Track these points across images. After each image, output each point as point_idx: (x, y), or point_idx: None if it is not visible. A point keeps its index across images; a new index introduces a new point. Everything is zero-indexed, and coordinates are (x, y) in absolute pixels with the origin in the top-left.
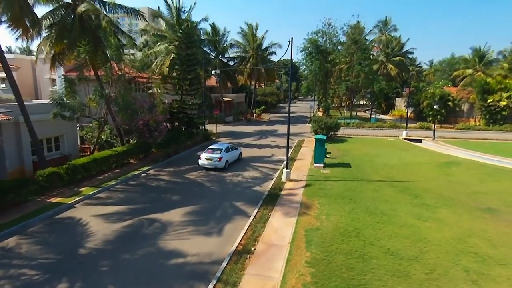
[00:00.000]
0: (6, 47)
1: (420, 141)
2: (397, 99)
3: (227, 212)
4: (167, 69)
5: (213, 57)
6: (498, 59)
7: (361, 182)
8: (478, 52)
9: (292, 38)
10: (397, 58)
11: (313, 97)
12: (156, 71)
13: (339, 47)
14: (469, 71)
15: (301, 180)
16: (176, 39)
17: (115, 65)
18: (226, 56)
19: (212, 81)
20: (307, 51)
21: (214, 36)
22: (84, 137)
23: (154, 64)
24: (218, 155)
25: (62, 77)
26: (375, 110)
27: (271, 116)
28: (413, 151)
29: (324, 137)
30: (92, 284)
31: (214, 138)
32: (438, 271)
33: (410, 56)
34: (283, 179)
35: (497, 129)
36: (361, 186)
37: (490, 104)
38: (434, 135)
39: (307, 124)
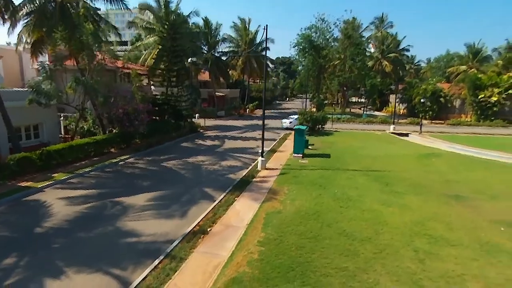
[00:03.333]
0: None
1: (407, 135)
2: (391, 95)
3: (194, 197)
4: (152, 60)
5: (206, 51)
6: (491, 56)
7: (336, 171)
8: (472, 48)
9: (266, 25)
10: (392, 54)
11: (305, 93)
12: (146, 63)
13: (333, 43)
14: (463, 67)
15: (276, 169)
16: (161, 30)
17: (98, 54)
18: (219, 50)
19: (206, 76)
20: (300, 47)
21: (206, 30)
22: (68, 127)
23: (143, 56)
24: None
25: (39, 64)
26: (370, 106)
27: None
28: (398, 144)
29: (304, 128)
30: (41, 259)
31: (201, 130)
32: (388, 251)
33: (407, 53)
34: (258, 167)
35: (487, 124)
36: (336, 174)
37: (481, 100)
38: (421, 129)
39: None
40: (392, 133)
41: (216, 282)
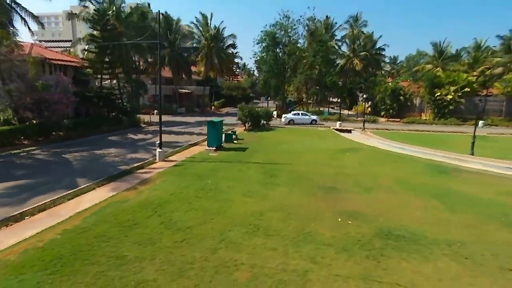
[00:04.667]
0: None
1: (349, 131)
2: (360, 94)
3: (57, 186)
4: (85, 52)
5: (167, 46)
6: (459, 55)
7: (237, 164)
8: (437, 47)
9: (159, 11)
10: (363, 53)
11: (268, 92)
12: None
13: (299, 40)
14: (429, 66)
15: (175, 161)
16: (93, 20)
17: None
18: (181, 46)
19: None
20: (264, 44)
21: (166, 25)
22: None
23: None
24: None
25: None
26: (343, 106)
27: (230, 109)
28: (331, 139)
29: (218, 121)
30: None
31: (143, 125)
32: (193, 240)
33: (383, 52)
34: (156, 159)
35: (442, 122)
36: (230, 167)
37: (437, 98)
38: (364, 126)
39: None
40: (336, 129)
41: None
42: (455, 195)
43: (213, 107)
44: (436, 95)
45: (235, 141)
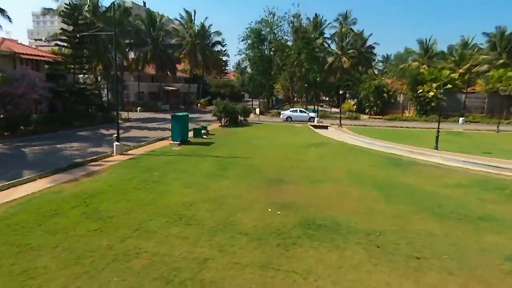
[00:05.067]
0: None
1: (326, 127)
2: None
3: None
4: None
5: (150, 43)
6: (450, 53)
7: (195, 157)
8: (423, 45)
9: (113, 2)
10: (351, 51)
11: (252, 89)
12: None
13: (284, 37)
14: (415, 64)
15: (134, 154)
16: (61, 14)
17: None
18: (166, 43)
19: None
20: (249, 41)
21: (150, 22)
22: None
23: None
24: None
25: None
26: (332, 103)
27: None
28: (304, 135)
29: (183, 114)
30: None
31: (121, 122)
32: (108, 230)
33: (373, 50)
34: (114, 152)
35: (423, 119)
36: (187, 160)
37: (420, 94)
38: (340, 122)
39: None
40: (313, 125)
41: None
42: (399, 187)
43: (199, 104)
44: (418, 92)
45: (204, 136)
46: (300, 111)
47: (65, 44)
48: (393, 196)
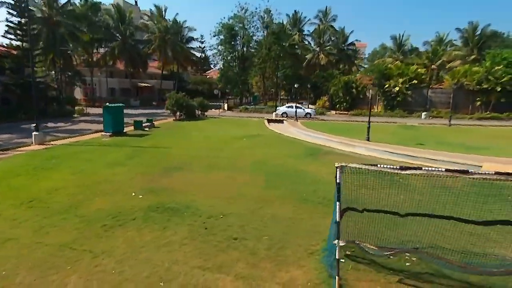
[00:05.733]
0: None
1: (282, 122)
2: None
3: None
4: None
5: (119, 39)
6: (418, 49)
7: (115, 147)
8: (396, 40)
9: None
10: (328, 47)
11: (224, 88)
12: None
13: (256, 33)
14: (389, 60)
15: (54, 144)
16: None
17: None
18: (136, 39)
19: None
20: (221, 36)
21: (118, 17)
22: None
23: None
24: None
25: None
26: (311, 100)
27: None
28: (249, 128)
29: (116, 106)
30: None
31: (76, 116)
32: None
33: (353, 47)
34: (33, 142)
35: (388, 114)
36: (102, 150)
37: (386, 89)
38: (296, 117)
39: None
40: (268, 120)
41: None
42: (294, 174)
43: None
44: (385, 87)
45: (146, 129)
46: (296, 107)
47: (12, 37)
48: (278, 182)
